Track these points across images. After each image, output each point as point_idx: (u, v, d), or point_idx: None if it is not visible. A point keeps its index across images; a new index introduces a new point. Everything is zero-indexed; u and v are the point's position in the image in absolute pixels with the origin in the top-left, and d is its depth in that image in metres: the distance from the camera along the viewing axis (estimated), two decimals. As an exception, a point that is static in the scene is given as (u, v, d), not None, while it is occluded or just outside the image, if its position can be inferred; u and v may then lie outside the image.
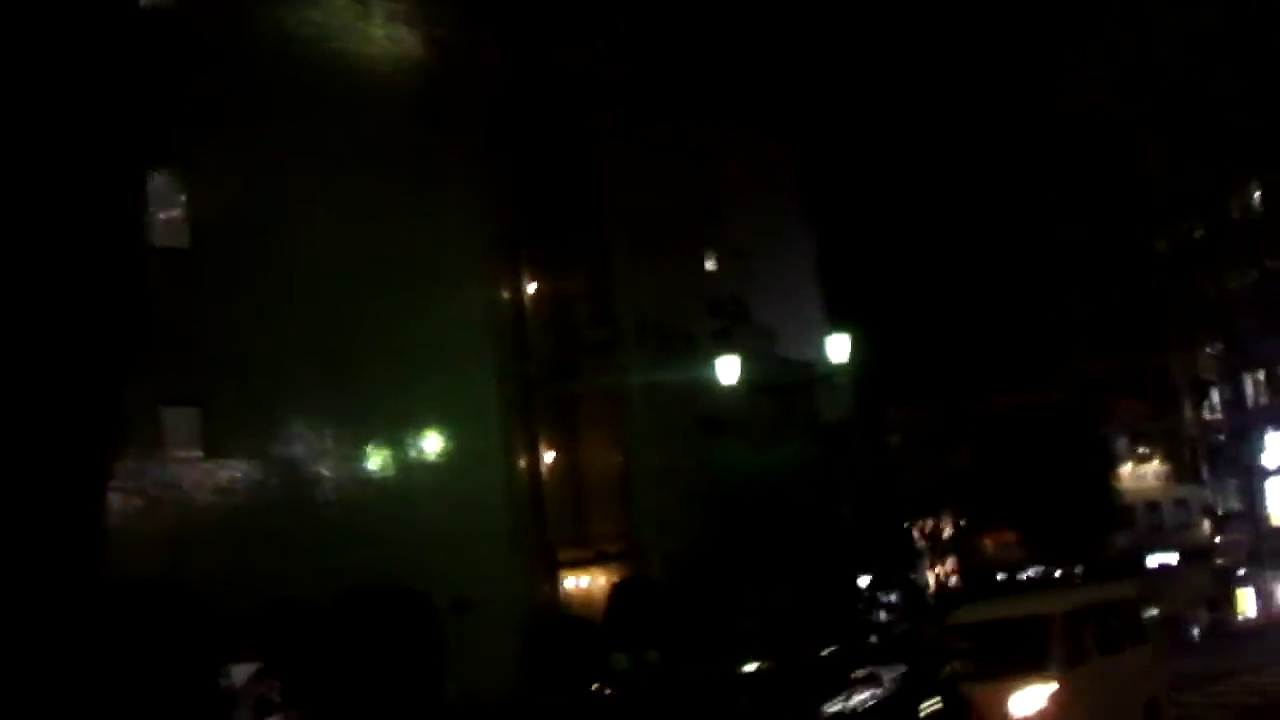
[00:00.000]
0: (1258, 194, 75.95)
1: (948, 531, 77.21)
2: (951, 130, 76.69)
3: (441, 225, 39.96)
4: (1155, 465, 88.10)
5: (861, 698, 17.66)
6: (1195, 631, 61.26)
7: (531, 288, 46.96)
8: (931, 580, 71.33)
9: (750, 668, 18.41)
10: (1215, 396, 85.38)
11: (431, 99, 40.91)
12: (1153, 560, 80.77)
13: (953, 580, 74.14)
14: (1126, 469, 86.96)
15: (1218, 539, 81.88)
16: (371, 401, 37.21)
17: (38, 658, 13.69)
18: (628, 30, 56.13)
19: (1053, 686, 20.22)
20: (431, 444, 39.06)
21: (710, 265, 62.37)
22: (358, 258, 37.24)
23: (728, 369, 41.69)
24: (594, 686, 20.90)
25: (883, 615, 50.33)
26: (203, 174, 34.94)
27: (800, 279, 67.60)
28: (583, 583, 45.04)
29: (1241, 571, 75.10)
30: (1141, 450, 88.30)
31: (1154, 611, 68.52)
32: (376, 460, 37.76)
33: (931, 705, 18.78)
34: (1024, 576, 74.19)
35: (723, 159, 64.15)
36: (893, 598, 53.18)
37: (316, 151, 36.81)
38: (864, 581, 53.77)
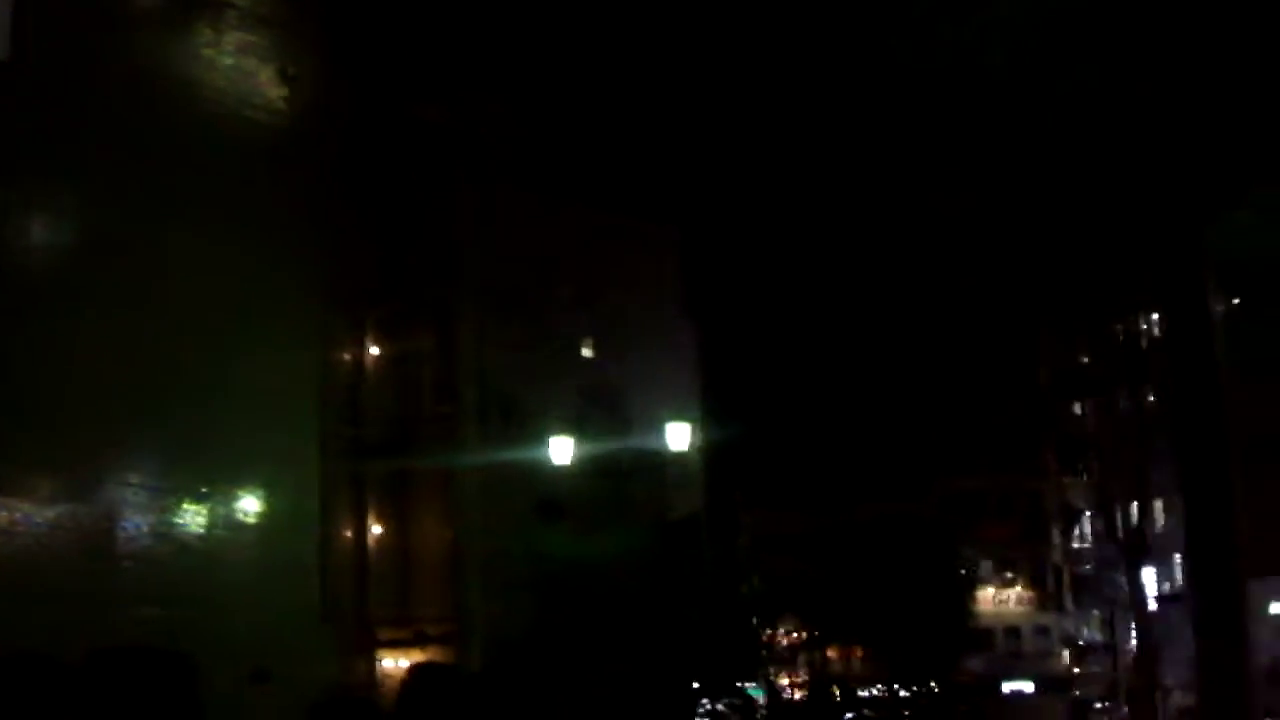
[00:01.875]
0: (1144, 324, 75.33)
1: (789, 641, 75.57)
2: (838, 235, 75.63)
3: (280, 276, 37.98)
4: (1018, 590, 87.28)
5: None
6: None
7: (376, 351, 45.24)
8: (771, 690, 69.47)
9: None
10: (1085, 525, 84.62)
11: (281, 143, 39.04)
12: (1008, 687, 79.71)
13: (796, 694, 72.27)
14: (988, 592, 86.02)
15: (1077, 669, 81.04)
16: (184, 453, 35.09)
17: None
18: (505, 100, 54.44)
19: None
20: (245, 505, 36.87)
21: (582, 349, 60.90)
22: (184, 301, 35.21)
23: (560, 450, 40.37)
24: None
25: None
26: (15, 198, 33.09)
27: (677, 370, 66.20)
28: (402, 664, 42.86)
29: (1099, 704, 74.16)
30: (1006, 574, 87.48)
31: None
32: (182, 516, 35.47)
33: None
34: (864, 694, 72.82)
35: (602, 243, 62.77)
36: (719, 706, 51.37)
37: (148, 186, 34.84)
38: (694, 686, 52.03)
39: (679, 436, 39.09)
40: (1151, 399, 73.34)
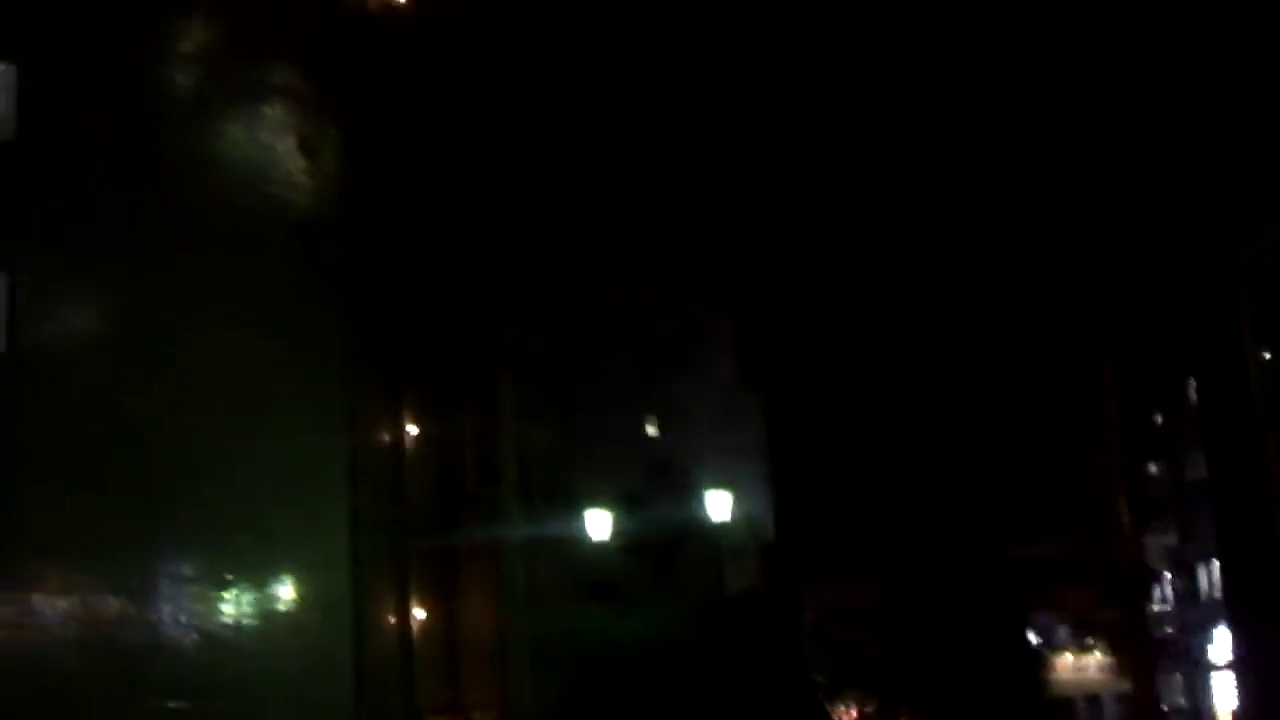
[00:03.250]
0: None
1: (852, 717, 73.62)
2: (901, 304, 74.70)
3: (308, 355, 37.04)
4: (1097, 657, 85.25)
5: None
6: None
7: (415, 431, 44.25)
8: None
9: None
10: (1165, 589, 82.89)
11: (306, 219, 38.10)
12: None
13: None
14: (1067, 659, 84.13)
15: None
16: (207, 540, 33.98)
17: None
18: (553, 177, 53.46)
19: None
20: (273, 591, 35.66)
21: (637, 426, 60.01)
22: (206, 383, 34.26)
23: (611, 528, 39.61)
24: None
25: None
26: (29, 282, 32.18)
27: (739, 445, 65.18)
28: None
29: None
30: (1085, 640, 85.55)
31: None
32: (207, 604, 34.25)
33: None
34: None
35: (658, 318, 62.10)
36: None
37: (166, 265, 33.99)
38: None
39: (722, 505, 38.10)
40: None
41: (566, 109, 52.41)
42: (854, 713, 72.95)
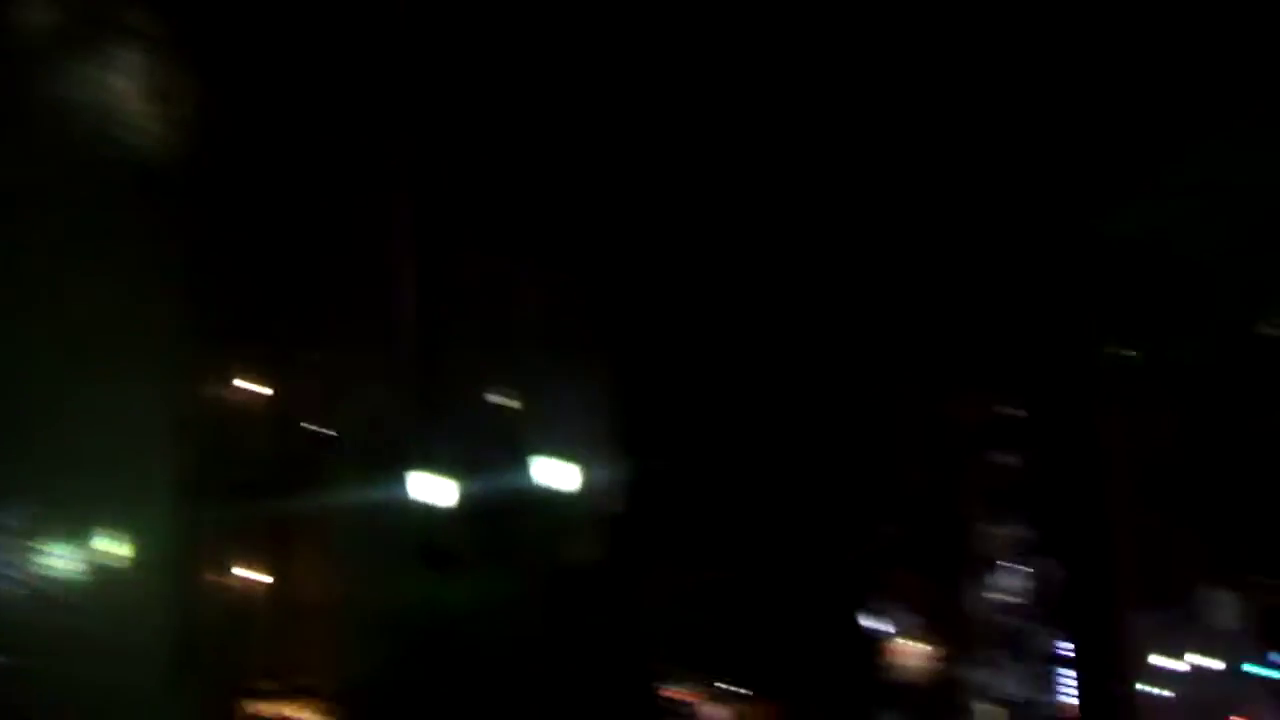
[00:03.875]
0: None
1: (689, 696, 73.38)
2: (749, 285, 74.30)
3: (142, 306, 36.14)
4: (933, 644, 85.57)
5: None
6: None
7: (252, 389, 43.45)
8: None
9: None
10: (1006, 577, 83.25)
11: (151, 166, 37.18)
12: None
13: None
14: (910, 645, 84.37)
15: (1011, 725, 79.52)
16: (26, 491, 33.11)
17: None
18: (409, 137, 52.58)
19: None
20: (95, 548, 34.83)
21: (484, 393, 59.56)
22: (32, 327, 33.37)
23: (447, 494, 39.37)
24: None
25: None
26: None
27: (589, 417, 64.82)
28: (265, 716, 41.14)
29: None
30: (918, 627, 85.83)
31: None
32: (22, 559, 33.39)
33: None
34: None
35: (507, 283, 61.62)
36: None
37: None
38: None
39: (567, 477, 38.14)
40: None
41: (426, 65, 51.55)
42: (690, 694, 72.79)
